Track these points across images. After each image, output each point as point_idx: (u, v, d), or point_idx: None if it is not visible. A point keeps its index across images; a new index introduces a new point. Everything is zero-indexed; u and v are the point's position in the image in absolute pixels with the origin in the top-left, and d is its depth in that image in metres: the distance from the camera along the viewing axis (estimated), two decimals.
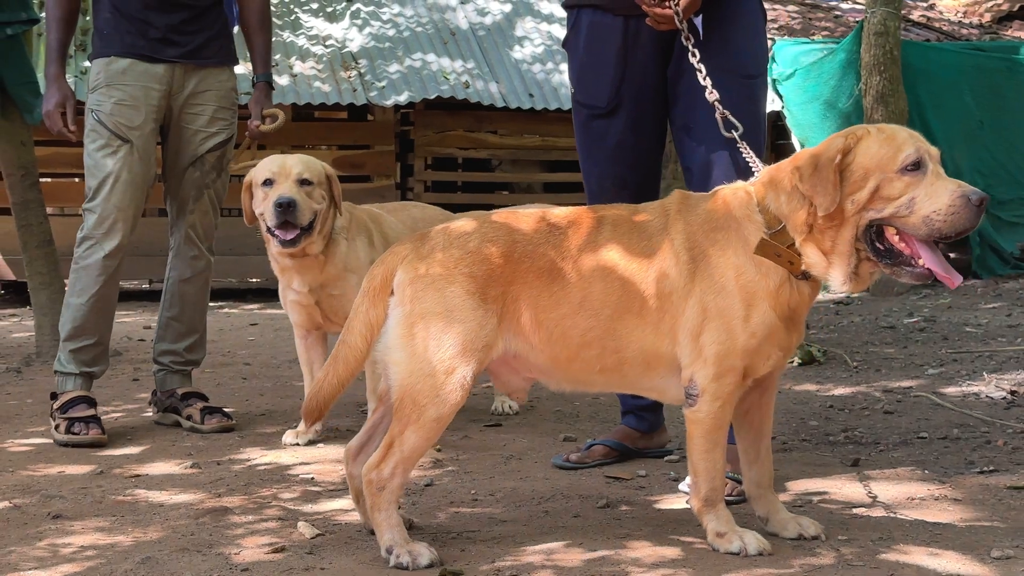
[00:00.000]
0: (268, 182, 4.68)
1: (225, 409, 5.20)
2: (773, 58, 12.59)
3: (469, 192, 13.72)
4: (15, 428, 5.14)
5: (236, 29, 9.45)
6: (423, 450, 3.18)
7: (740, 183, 3.32)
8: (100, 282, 4.91)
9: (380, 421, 3.33)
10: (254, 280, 13.12)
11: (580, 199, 4.07)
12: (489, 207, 12.08)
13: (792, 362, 6.89)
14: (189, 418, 5.09)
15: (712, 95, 3.68)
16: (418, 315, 3.10)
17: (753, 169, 3.41)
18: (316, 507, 3.75)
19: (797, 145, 12.29)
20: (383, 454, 3.13)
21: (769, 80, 12.53)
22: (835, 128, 11.79)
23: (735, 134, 3.58)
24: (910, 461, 4.31)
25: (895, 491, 3.85)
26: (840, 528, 3.42)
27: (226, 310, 11.16)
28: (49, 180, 11.44)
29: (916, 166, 3.02)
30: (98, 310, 4.97)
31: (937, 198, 2.99)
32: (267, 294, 12.31)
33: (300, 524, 3.49)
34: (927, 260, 3.05)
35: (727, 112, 3.64)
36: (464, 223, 3.25)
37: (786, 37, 13.18)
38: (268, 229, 4.69)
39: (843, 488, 3.91)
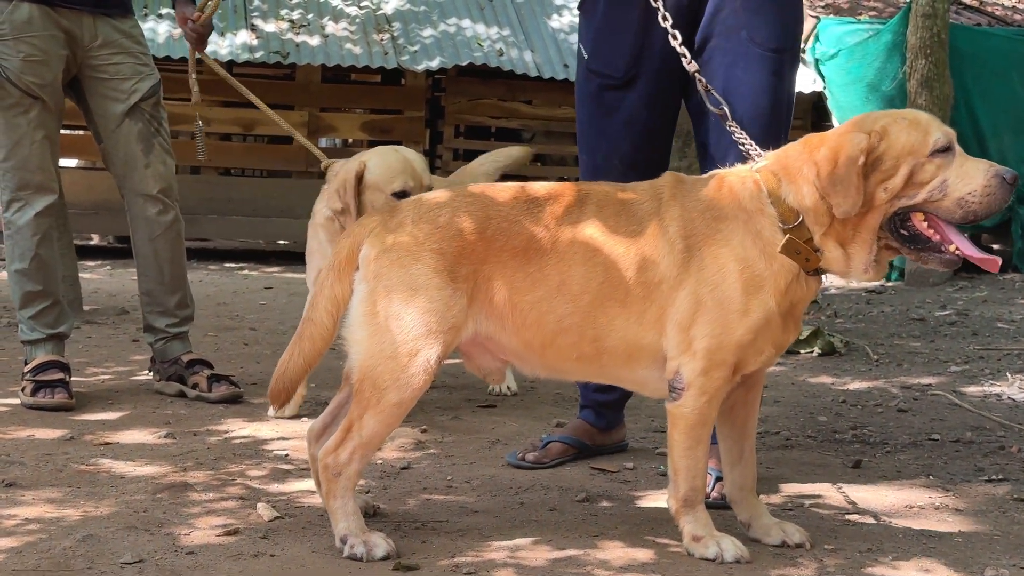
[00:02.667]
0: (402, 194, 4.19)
1: (231, 377, 5.03)
2: (817, 37, 12.33)
3: None
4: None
5: None
6: (383, 436, 3.01)
7: (742, 169, 3.09)
8: (36, 241, 4.75)
9: (345, 402, 3.15)
10: (281, 242, 12.98)
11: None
12: (520, 179, 11.91)
13: (811, 352, 6.68)
14: (195, 387, 4.93)
15: (692, 66, 3.47)
16: (382, 292, 2.91)
17: (752, 154, 3.18)
18: (282, 487, 3.59)
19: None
20: (341, 438, 2.96)
21: (812, 60, 12.32)
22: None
23: (725, 110, 3.37)
24: (916, 465, 4.10)
25: (894, 497, 3.65)
26: (828, 536, 3.22)
27: (245, 272, 11.04)
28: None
29: (946, 149, 2.90)
30: (44, 270, 4.82)
31: (971, 179, 2.88)
32: (291, 257, 12.18)
33: (259, 505, 3.32)
34: (961, 245, 2.93)
35: (712, 89, 3.43)
36: (438, 195, 3.06)
37: (831, 16, 12.87)
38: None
39: (839, 492, 3.70)
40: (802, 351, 6.71)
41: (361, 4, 12.56)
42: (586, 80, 3.90)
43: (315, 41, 11.75)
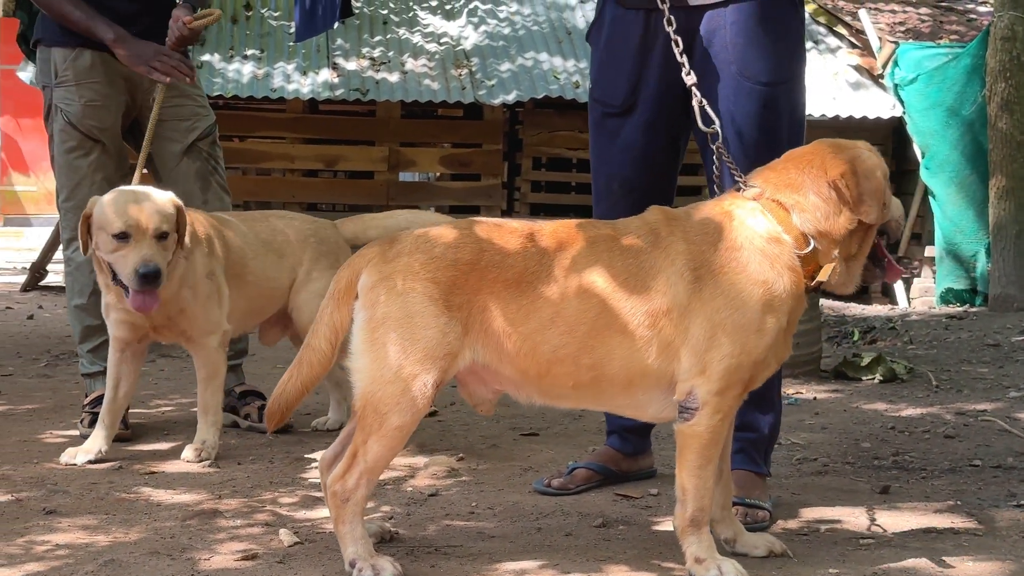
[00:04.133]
0: (124, 236, 4.20)
1: None
2: (896, 62, 12.24)
3: (582, 194, 13.60)
4: (62, 419, 5.21)
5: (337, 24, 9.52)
6: (387, 460, 3.10)
7: (741, 202, 3.20)
8: (94, 278, 4.91)
9: (355, 431, 3.25)
10: None
11: (688, 201, 3.87)
12: None
13: (873, 379, 6.64)
14: (247, 417, 5.08)
15: (690, 77, 3.56)
16: (379, 320, 3.02)
17: (736, 178, 3.28)
18: (309, 514, 3.70)
19: (918, 153, 11.91)
20: (347, 465, 3.06)
21: (891, 85, 12.24)
22: (957, 136, 11.42)
23: (715, 128, 3.46)
24: (948, 490, 4.09)
25: (915, 523, 3.65)
26: (836, 561, 3.24)
27: None
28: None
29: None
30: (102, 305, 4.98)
31: (899, 207, 3.28)
32: None
33: (282, 531, 3.44)
34: (891, 262, 3.29)
35: (706, 105, 3.50)
36: (437, 229, 3.16)
37: (911, 40, 12.77)
38: (116, 280, 4.29)
39: (859, 517, 3.71)
40: (864, 378, 6.68)
41: (441, 40, 12.75)
42: (590, 109, 4.02)
43: (394, 78, 11.95)
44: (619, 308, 3.06)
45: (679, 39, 3.61)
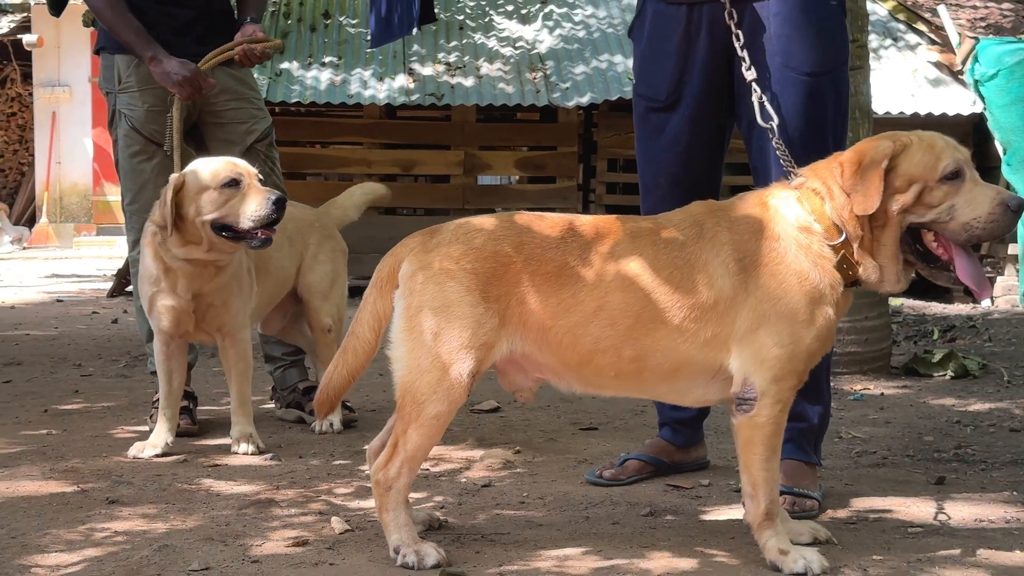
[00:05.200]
0: (234, 183, 4.38)
1: (347, 403, 5.25)
2: (976, 58, 12.06)
3: None
4: (134, 415, 5.34)
5: (415, 31, 9.63)
6: (427, 449, 3.16)
7: (783, 190, 3.23)
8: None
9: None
10: None
11: None
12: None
13: (944, 375, 6.57)
14: (311, 412, 5.18)
15: (750, 73, 3.59)
16: (416, 308, 3.08)
17: (787, 168, 3.30)
18: (363, 503, 3.76)
19: (999, 149, 11.73)
20: (389, 455, 3.13)
21: (971, 81, 12.07)
22: None
23: (772, 125, 3.49)
24: (1004, 482, 4.06)
25: (966, 513, 3.63)
26: (881, 548, 3.25)
27: None
28: None
29: (955, 175, 3.07)
30: None
31: (978, 206, 3.05)
32: None
33: (333, 519, 3.51)
34: (960, 270, 3.12)
35: (766, 100, 3.52)
36: (479, 220, 3.20)
37: (991, 36, 12.59)
38: (223, 230, 4.39)
39: (910, 507, 3.70)
40: (935, 374, 6.61)
41: (516, 44, 12.81)
42: (635, 104, 4.05)
43: (469, 82, 12.02)
44: (665, 301, 3.09)
45: (740, 32, 3.64)
